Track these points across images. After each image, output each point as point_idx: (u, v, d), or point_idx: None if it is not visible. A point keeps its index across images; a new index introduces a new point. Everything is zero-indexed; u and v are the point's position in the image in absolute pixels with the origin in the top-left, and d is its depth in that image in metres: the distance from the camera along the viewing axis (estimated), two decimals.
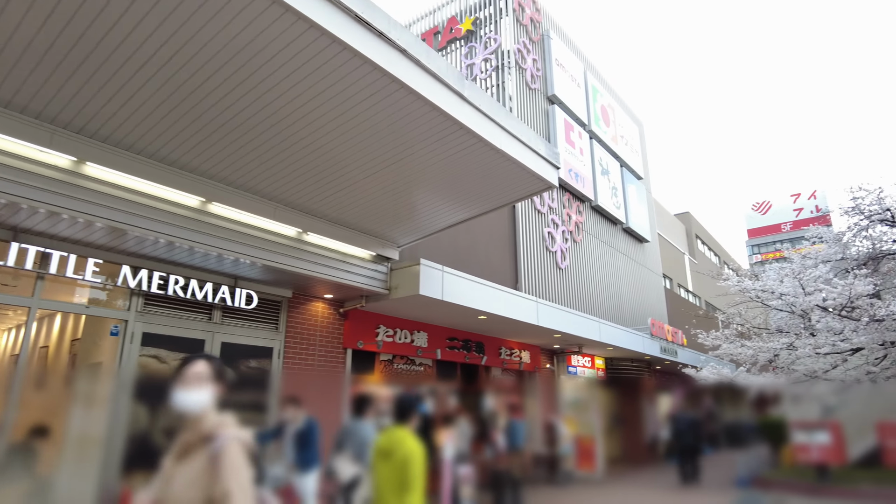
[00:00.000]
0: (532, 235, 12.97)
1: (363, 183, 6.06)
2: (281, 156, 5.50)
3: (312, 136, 5.14)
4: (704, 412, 15.01)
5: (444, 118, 5.00)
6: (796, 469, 10.59)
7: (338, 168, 5.74)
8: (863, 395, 11.27)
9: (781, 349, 10.59)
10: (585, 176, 15.77)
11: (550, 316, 10.59)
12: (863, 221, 11.84)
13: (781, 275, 11.39)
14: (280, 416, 3.78)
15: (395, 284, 7.79)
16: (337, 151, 5.44)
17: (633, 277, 18.48)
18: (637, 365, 16.81)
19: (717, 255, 42.26)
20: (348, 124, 4.99)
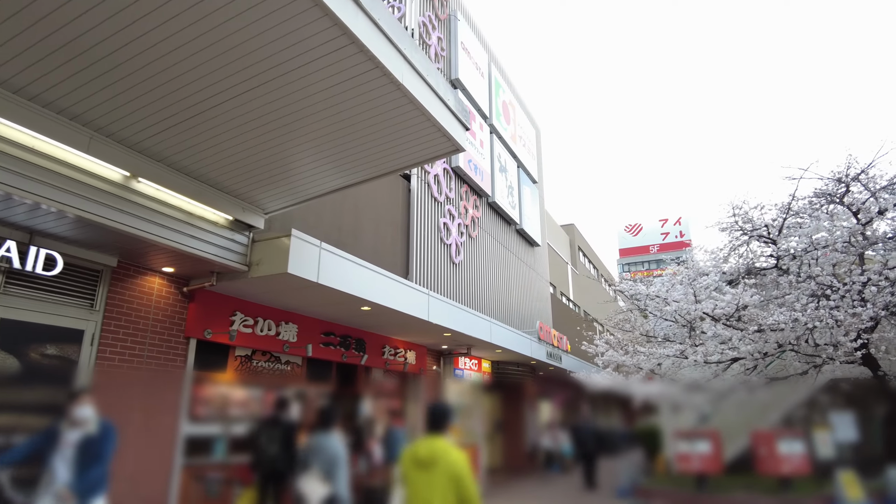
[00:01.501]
0: (427, 224, 11.88)
1: (219, 120, 4.54)
2: (100, 66, 3.84)
3: (146, 40, 3.58)
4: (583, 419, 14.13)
5: (334, 27, 3.69)
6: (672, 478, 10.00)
7: (184, 93, 4.18)
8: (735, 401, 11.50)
9: (671, 356, 10.44)
10: (485, 170, 15.05)
11: (443, 312, 9.53)
12: (742, 237, 12.17)
13: (674, 281, 11.33)
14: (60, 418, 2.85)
15: (256, 259, 6.25)
16: (183, 68, 3.91)
17: (524, 280, 18.12)
18: (521, 369, 16.36)
19: (597, 269, 44.35)
20: (198, 27, 3.51)
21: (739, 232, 12.19)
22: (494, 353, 13.75)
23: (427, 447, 3.00)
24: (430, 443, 3.02)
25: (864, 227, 10.71)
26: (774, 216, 11.58)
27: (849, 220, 10.87)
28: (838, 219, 11.21)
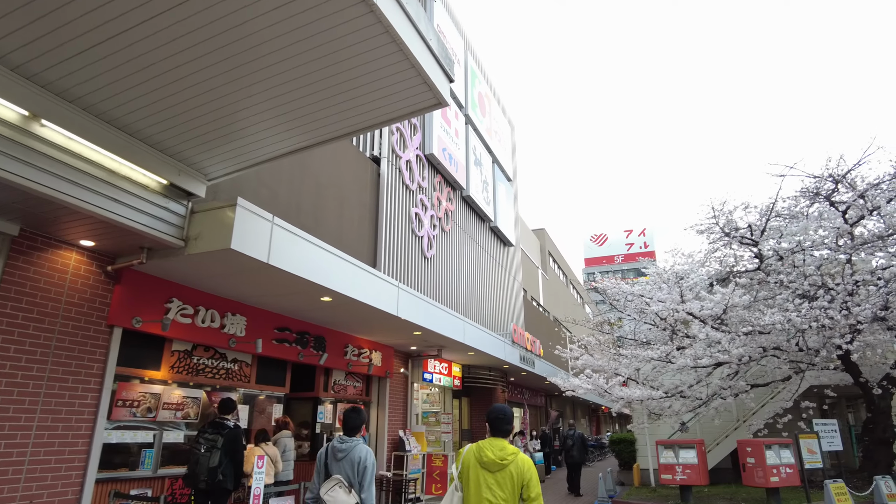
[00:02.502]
0: (397, 212, 11.02)
1: (150, 58, 3.61)
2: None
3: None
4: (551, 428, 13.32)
5: None
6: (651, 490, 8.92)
7: (104, 15, 3.25)
8: None
9: (654, 360, 9.86)
10: (459, 161, 14.29)
11: (414, 307, 8.67)
12: (722, 238, 11.71)
13: (661, 280, 10.79)
14: None
15: (195, 233, 5.28)
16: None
17: (497, 280, 17.41)
18: (493, 375, 15.60)
19: (566, 275, 44.13)
20: None
21: (720, 234, 11.74)
22: (466, 356, 12.95)
23: (496, 449, 2.99)
24: (498, 444, 3.02)
25: (851, 228, 10.37)
26: (757, 217, 11.17)
27: (836, 221, 10.53)
28: (826, 219, 10.87)
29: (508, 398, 18.74)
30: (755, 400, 12.29)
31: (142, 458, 5.97)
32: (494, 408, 3.21)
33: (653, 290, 10.85)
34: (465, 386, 14.94)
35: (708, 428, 13.08)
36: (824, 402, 12.94)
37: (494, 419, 3.13)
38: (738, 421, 13.42)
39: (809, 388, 11.98)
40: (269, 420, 8.35)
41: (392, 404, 10.97)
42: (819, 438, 10.29)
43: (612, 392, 9.61)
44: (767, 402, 12.75)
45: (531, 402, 22.07)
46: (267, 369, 8.13)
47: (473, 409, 16.85)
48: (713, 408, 11.16)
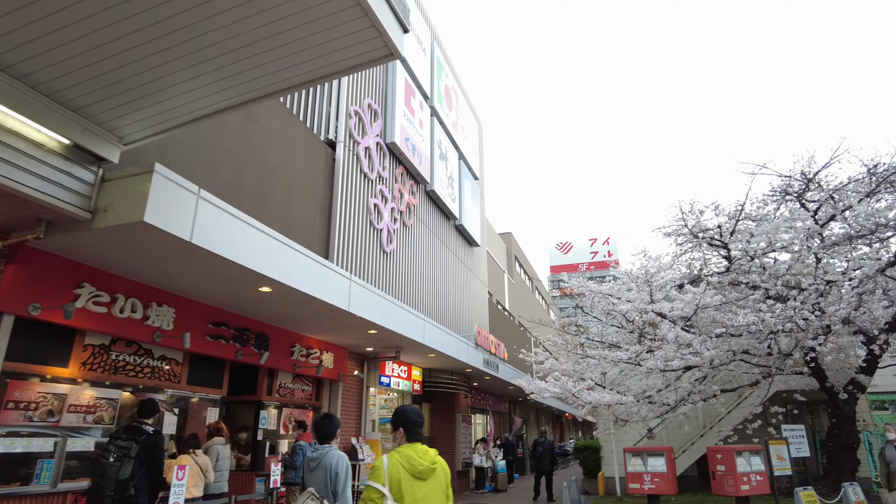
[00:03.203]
0: (354, 202, 10.35)
1: None
2: None
3: None
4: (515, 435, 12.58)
5: None
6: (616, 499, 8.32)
7: None
8: None
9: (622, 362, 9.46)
10: (423, 153, 13.71)
11: (369, 303, 8.02)
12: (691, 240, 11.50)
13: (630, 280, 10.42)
14: None
15: (105, 204, 4.55)
16: None
17: (461, 281, 16.87)
18: (456, 379, 15.02)
19: (532, 281, 44.01)
20: None
21: (688, 235, 11.53)
22: (427, 359, 12.35)
23: (427, 455, 2.78)
24: (425, 450, 2.79)
25: (821, 228, 10.25)
26: (726, 219, 11.00)
27: (807, 221, 10.40)
28: (796, 219, 10.75)
29: (472, 404, 18.20)
30: (724, 405, 12.06)
31: (37, 469, 5.14)
32: (410, 409, 2.87)
33: (621, 289, 10.48)
34: (426, 391, 14.32)
35: (675, 434, 12.80)
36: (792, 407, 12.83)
37: (413, 422, 2.82)
38: (705, 427, 13.18)
39: (776, 393, 11.81)
40: (203, 426, 7.57)
41: (345, 410, 10.27)
42: (788, 444, 10.06)
43: (580, 396, 9.16)
44: (734, 407, 12.55)
45: (495, 408, 21.57)
46: (201, 369, 7.35)
47: (435, 416, 16.23)
48: (681, 413, 10.86)
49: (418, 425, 2.84)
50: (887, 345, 10.16)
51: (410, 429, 2.80)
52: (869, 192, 9.97)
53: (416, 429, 2.82)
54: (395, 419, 2.86)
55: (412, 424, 2.81)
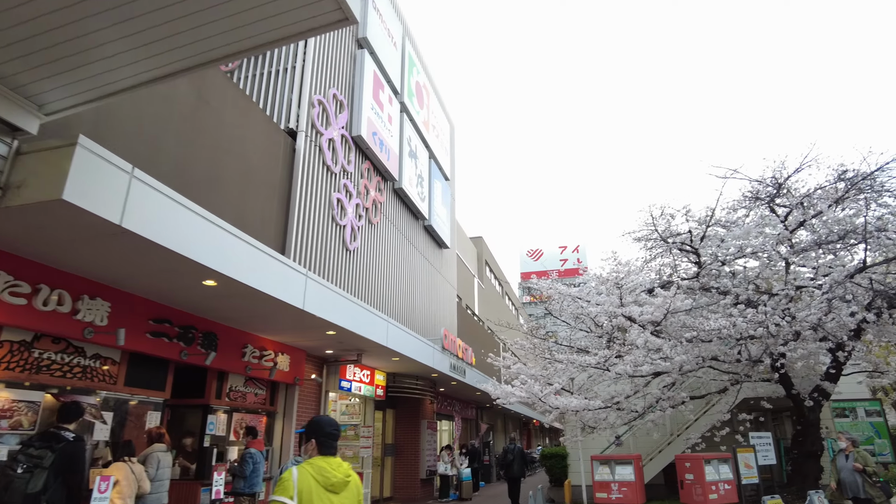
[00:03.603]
0: (316, 195, 9.88)
1: None
2: None
3: None
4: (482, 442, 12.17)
5: None
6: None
7: None
8: None
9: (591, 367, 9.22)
10: (392, 149, 13.32)
11: (326, 301, 7.59)
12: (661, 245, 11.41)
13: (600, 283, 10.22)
14: None
15: (19, 179, 4.05)
16: None
17: (429, 283, 16.50)
18: (421, 384, 14.63)
19: (502, 286, 43.91)
20: None
21: (658, 240, 11.44)
22: (391, 363, 11.94)
23: (343, 467, 2.72)
24: (334, 463, 2.71)
25: (791, 234, 10.24)
26: (696, 224, 10.94)
27: (777, 227, 10.39)
28: (766, 224, 10.74)
29: (437, 410, 17.83)
30: (692, 412, 11.96)
31: None
32: (325, 420, 2.79)
33: (591, 292, 10.28)
34: (390, 396, 13.90)
35: (642, 442, 12.65)
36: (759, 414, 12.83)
37: (328, 434, 2.72)
38: (672, 435, 13.08)
39: (744, 400, 11.76)
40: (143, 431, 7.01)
41: (301, 415, 9.78)
42: (756, 452, 9.99)
43: (547, 401, 8.88)
44: (702, 415, 12.47)
45: (462, 414, 21.23)
46: (141, 369, 6.80)
47: (399, 423, 15.80)
48: (649, 420, 10.69)
49: (332, 438, 2.74)
50: (851, 353, 10.21)
51: (324, 441, 2.71)
52: (837, 198, 10.00)
53: (331, 441, 2.73)
54: (309, 430, 2.76)
55: (326, 437, 2.71)
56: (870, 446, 13.86)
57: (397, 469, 15.53)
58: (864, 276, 9.92)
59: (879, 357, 13.96)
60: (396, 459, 15.60)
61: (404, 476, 15.67)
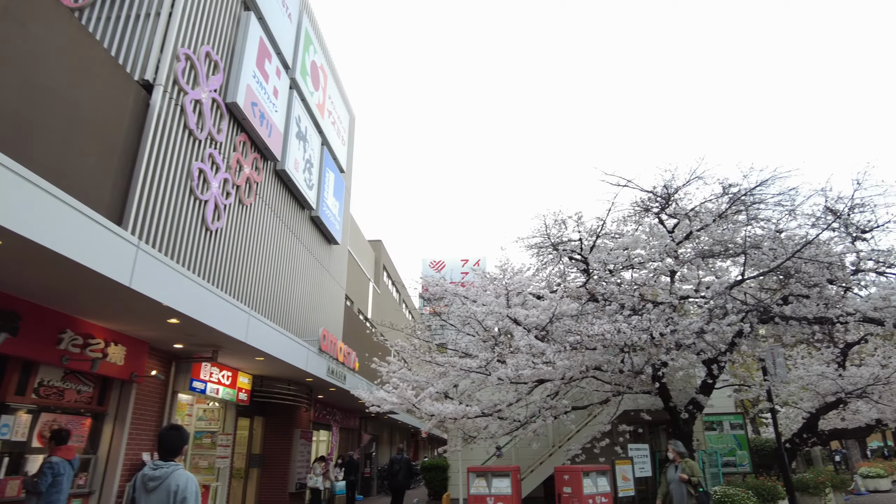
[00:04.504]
0: (171, 161, 8.55)
1: None
2: None
3: None
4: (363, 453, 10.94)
5: None
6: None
7: None
8: None
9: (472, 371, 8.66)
10: (275, 125, 12.14)
11: (163, 280, 6.39)
12: (552, 253, 11.29)
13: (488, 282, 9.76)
14: None
15: None
16: None
17: (313, 279, 15.35)
18: (294, 390, 13.45)
19: (399, 293, 43.13)
20: None
21: (550, 248, 11.32)
22: (256, 364, 10.73)
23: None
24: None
25: (677, 246, 10.40)
26: (587, 235, 10.91)
27: (664, 239, 10.52)
28: (654, 236, 10.87)
29: (315, 418, 16.63)
30: (574, 422, 11.82)
31: None
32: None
33: (477, 292, 9.80)
34: (258, 402, 12.61)
35: (524, 453, 12.34)
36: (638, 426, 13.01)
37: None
38: (554, 446, 12.91)
39: (624, 412, 11.81)
40: None
41: (138, 418, 8.38)
42: (633, 464, 9.93)
43: (422, 407, 8.20)
44: (584, 427, 12.39)
45: (343, 423, 20.07)
46: None
47: (269, 431, 14.46)
48: (532, 430, 10.36)
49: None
50: (724, 366, 10.52)
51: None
52: (721, 213, 10.28)
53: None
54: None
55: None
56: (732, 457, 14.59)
57: (263, 482, 14.17)
58: (741, 289, 10.27)
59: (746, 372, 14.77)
60: (263, 471, 14.24)
61: (271, 490, 14.34)
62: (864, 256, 10.13)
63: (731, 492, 9.82)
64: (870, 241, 10.19)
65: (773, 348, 12.11)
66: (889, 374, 11.58)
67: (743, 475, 13.36)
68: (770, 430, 19.05)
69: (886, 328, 8.14)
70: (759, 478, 11.14)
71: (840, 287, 10.39)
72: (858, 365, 12.98)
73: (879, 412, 14.32)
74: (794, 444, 14.54)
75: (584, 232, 10.89)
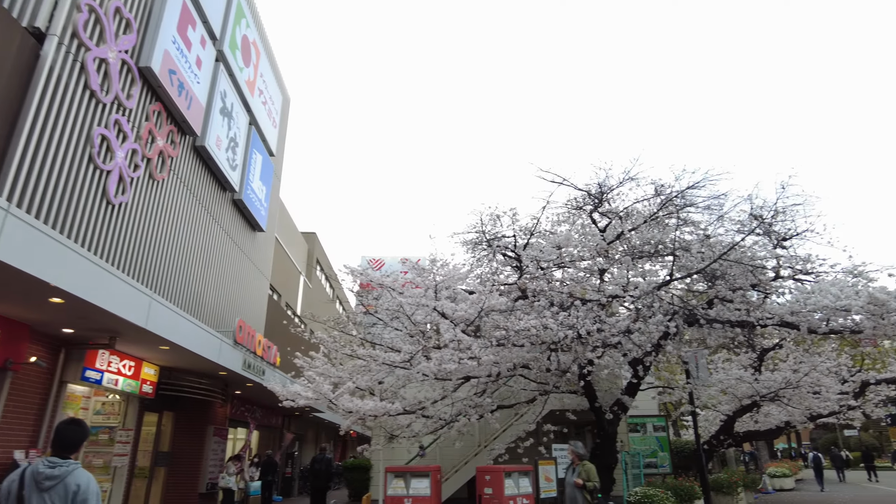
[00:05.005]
0: (67, 123, 7.65)
1: None
2: None
3: None
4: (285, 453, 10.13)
5: None
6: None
7: None
8: None
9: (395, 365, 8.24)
10: (196, 97, 11.28)
11: (40, 251, 5.61)
12: (486, 250, 11.12)
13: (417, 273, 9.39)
14: None
15: None
16: None
17: (233, 267, 14.47)
18: (207, 384, 12.60)
19: (334, 289, 42.05)
20: None
21: (485, 245, 11.14)
22: (162, 354, 9.88)
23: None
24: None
25: (608, 246, 10.40)
26: (521, 232, 10.80)
27: (595, 238, 10.52)
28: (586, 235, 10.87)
29: (232, 415, 15.74)
30: (499, 422, 11.65)
31: None
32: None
33: (406, 283, 9.42)
34: (167, 395, 11.68)
35: (448, 453, 12.05)
36: (563, 427, 13.01)
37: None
38: (480, 446, 12.69)
39: (550, 412, 11.74)
40: None
41: (12, 411, 7.44)
42: (557, 464, 9.82)
43: (340, 403, 7.71)
44: (510, 426, 12.25)
45: (264, 421, 19.12)
46: None
47: (179, 427, 13.48)
48: (457, 430, 10.07)
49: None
50: (649, 368, 10.62)
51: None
52: (652, 215, 10.37)
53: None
54: None
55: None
56: (654, 458, 14.91)
57: (171, 482, 13.18)
58: (668, 290, 10.38)
59: (670, 374, 15.14)
60: (171, 471, 13.25)
61: (179, 490, 13.37)
62: (783, 263, 10.49)
63: (650, 492, 9.90)
64: (789, 249, 10.57)
65: (696, 352, 12.42)
66: (799, 378, 12.08)
67: (663, 476, 13.65)
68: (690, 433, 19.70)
69: (801, 332, 8.36)
70: (678, 479, 11.32)
71: (761, 293, 10.73)
72: (773, 370, 13.53)
73: (789, 414, 15.02)
74: (711, 446, 15.03)
75: (518, 229, 10.78)
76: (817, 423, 16.50)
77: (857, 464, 28.91)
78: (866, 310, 7.23)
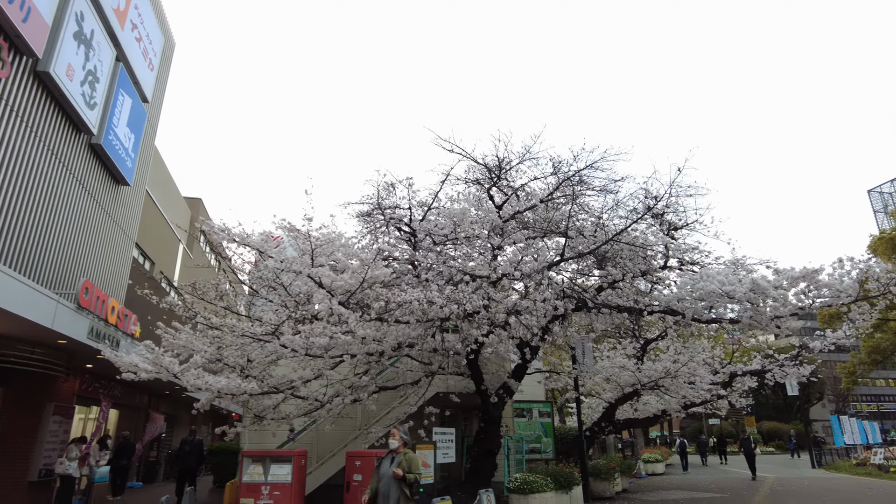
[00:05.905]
0: None
1: None
2: None
3: None
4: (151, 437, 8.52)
5: None
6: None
7: None
8: None
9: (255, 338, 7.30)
10: (39, 11, 9.49)
11: None
12: (381, 225, 10.48)
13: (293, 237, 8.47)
14: None
15: None
16: None
17: (85, 222, 12.64)
18: (44, 354, 10.92)
19: (219, 262, 39.35)
20: None
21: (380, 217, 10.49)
22: None
23: None
24: None
25: (504, 224, 10.07)
26: (417, 207, 10.26)
27: (490, 215, 10.17)
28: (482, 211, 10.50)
29: (81, 391, 13.88)
30: (382, 404, 11.03)
31: None
32: None
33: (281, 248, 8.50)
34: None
35: (327, 437, 11.25)
36: (446, 409, 12.66)
37: None
38: (360, 430, 12.02)
39: (435, 395, 11.30)
40: None
41: None
42: (436, 449, 9.35)
43: (185, 378, 6.68)
44: (392, 409, 11.67)
45: (125, 400, 17.18)
46: None
47: (8, 405, 11.61)
48: (331, 411, 9.31)
49: None
50: (536, 351, 10.46)
51: None
52: (548, 195, 10.14)
53: None
54: None
55: None
56: (538, 444, 15.01)
57: None
58: (559, 272, 10.20)
59: (557, 359, 15.27)
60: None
61: (3, 478, 11.53)
62: (671, 253, 10.66)
63: (530, 479, 9.73)
64: (678, 240, 10.77)
65: (583, 338, 12.52)
66: (678, 367, 12.50)
67: (546, 461, 13.74)
68: (574, 420, 20.22)
69: (686, 319, 8.41)
70: (559, 464, 11.29)
71: (649, 282, 10.88)
72: (654, 360, 13.99)
73: (665, 403, 15.71)
74: (593, 433, 15.37)
75: (414, 203, 10.17)
76: (689, 411, 17.47)
77: (714, 450, 32.46)
78: (747, 297, 7.31)
